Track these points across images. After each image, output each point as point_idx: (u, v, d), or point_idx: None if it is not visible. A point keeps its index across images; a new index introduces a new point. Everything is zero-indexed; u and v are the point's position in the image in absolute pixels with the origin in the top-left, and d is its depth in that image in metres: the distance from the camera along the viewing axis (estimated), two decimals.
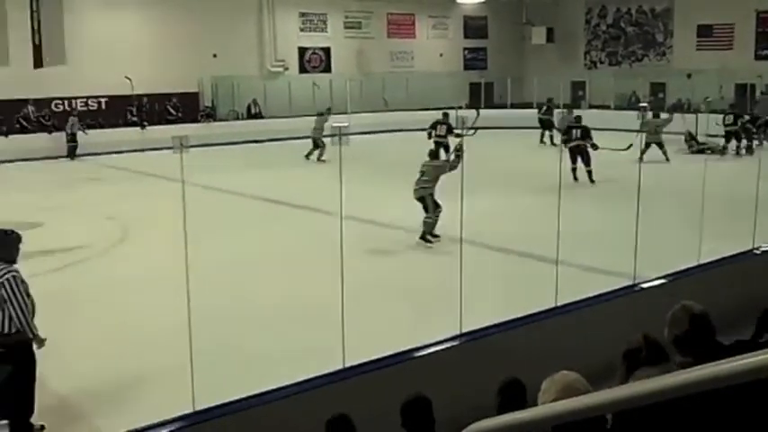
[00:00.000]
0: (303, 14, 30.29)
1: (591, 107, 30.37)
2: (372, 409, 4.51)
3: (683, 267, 8.05)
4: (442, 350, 6.05)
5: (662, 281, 7.69)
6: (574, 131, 17.54)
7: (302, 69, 30.46)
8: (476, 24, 35.15)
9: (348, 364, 5.64)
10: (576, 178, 16.88)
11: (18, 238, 5.92)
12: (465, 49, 35.08)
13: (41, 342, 5.74)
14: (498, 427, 1.81)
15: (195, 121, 26.58)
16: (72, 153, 22.90)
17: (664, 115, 21.22)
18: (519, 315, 6.85)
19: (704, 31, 30.61)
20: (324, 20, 30.86)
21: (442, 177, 11.51)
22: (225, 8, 27.48)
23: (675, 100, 29.09)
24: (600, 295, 7.42)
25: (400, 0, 32.07)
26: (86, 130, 23.29)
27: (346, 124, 9.99)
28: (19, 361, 5.30)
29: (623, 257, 8.23)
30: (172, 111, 26.71)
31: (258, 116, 28.21)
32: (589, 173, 17.03)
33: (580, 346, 5.75)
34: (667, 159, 19.34)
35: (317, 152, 21.10)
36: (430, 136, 19.49)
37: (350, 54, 31.36)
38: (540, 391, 3.00)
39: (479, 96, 32.26)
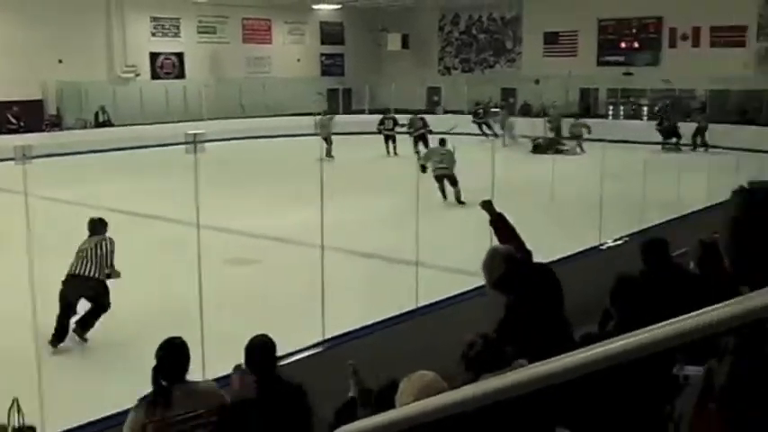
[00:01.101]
0: (154, 19, 29.43)
1: (446, 112, 31.28)
2: None
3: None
4: (306, 357, 6.00)
5: None
6: (419, 121, 23.02)
7: (154, 75, 29.59)
8: (332, 30, 35.29)
9: (210, 377, 5.49)
10: (417, 151, 21.11)
11: (104, 221, 8.38)
12: (322, 54, 35.13)
13: (119, 274, 8.33)
14: (365, 430, 1.80)
15: (40, 130, 25.27)
16: None
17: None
18: (381, 318, 6.91)
19: (550, 39, 31.94)
20: (176, 24, 30.11)
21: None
22: (69, 12, 26.25)
23: (523, 102, 30.26)
24: (457, 295, 7.59)
25: (255, 5, 31.72)
26: None
27: (202, 131, 9.73)
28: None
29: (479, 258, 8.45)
30: (13, 120, 25.21)
31: (107, 124, 27.12)
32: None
33: (439, 346, 5.83)
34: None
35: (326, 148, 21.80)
36: (380, 131, 23.75)
37: (204, 59, 30.77)
38: (398, 393, 2.99)
39: (338, 102, 32.43)
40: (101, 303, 8.04)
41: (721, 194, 1.82)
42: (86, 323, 8.01)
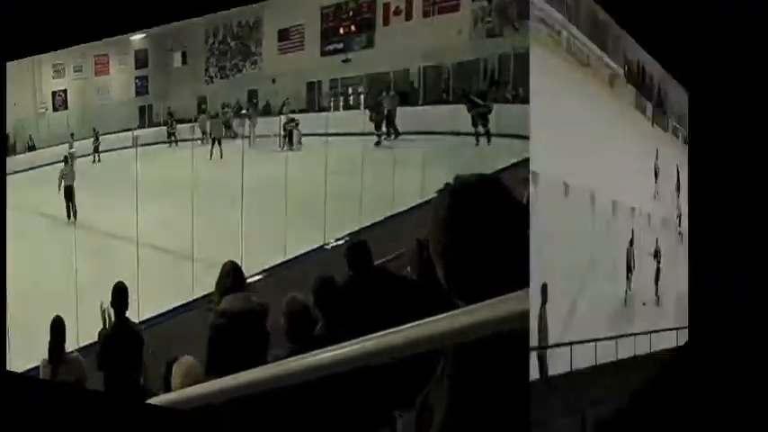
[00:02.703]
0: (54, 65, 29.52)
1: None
2: None
3: (270, 264, 8.27)
4: None
5: (258, 277, 7.75)
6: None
7: (55, 108, 29.37)
8: (141, 56, 32.92)
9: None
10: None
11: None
12: (136, 78, 32.52)
13: None
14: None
15: None
16: None
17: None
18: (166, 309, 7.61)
19: (283, 35, 31.72)
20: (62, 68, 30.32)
21: None
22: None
23: (265, 104, 30.36)
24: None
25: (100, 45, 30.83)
26: None
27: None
28: None
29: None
30: None
31: (32, 148, 26.49)
32: None
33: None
34: None
35: None
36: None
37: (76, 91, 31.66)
38: (172, 375, 3.47)
39: (144, 118, 31.34)
40: None
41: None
42: None
